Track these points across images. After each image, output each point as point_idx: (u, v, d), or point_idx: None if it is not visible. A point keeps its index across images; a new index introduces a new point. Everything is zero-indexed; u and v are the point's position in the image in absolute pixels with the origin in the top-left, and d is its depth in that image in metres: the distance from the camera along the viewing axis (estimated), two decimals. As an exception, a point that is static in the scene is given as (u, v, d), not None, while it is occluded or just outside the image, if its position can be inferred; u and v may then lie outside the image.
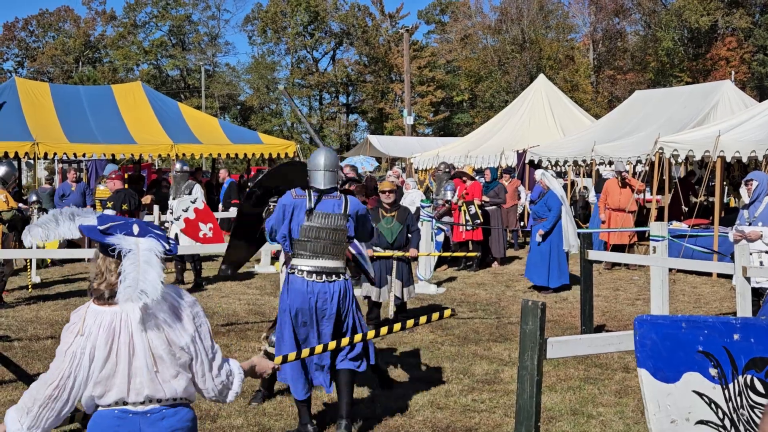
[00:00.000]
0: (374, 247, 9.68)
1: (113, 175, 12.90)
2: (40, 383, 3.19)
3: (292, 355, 5.00)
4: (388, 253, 9.73)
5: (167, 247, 3.24)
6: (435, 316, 5.31)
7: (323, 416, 6.44)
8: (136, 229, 3.24)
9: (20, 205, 12.52)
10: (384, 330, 5.32)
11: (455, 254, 14.40)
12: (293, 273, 5.91)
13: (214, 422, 6.32)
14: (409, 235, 9.84)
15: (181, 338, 3.24)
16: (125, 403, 3.21)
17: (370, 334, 5.46)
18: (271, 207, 6.31)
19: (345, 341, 5.44)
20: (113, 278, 3.19)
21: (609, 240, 15.43)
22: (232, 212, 16.82)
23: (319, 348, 5.19)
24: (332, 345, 5.27)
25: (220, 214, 16.56)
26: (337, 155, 6.16)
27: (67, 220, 3.32)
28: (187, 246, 12.10)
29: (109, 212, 11.35)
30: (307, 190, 5.96)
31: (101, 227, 3.23)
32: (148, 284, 3.05)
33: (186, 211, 12.82)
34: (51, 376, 3.17)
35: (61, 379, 3.15)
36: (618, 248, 14.95)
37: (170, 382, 3.23)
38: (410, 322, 5.29)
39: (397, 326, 5.32)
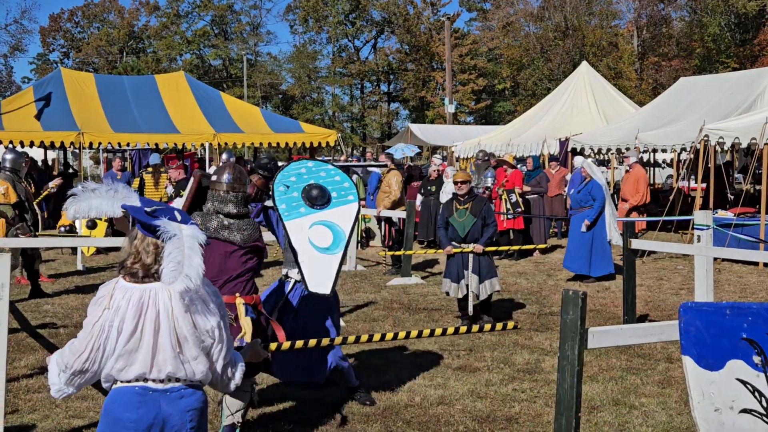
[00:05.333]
0: (453, 243, 9.43)
1: (174, 165, 12.95)
2: (71, 351, 3.28)
3: (286, 344, 5.17)
4: (460, 249, 9.31)
5: (205, 237, 3.31)
6: (498, 326, 5.41)
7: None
8: (178, 216, 3.34)
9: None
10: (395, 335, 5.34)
11: (524, 247, 14.26)
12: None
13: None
14: (485, 228, 9.32)
15: (207, 322, 3.32)
16: (146, 380, 3.28)
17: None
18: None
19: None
20: (149, 260, 3.29)
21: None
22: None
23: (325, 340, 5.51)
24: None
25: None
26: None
27: (106, 196, 3.38)
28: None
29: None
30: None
31: (147, 209, 3.30)
32: (192, 269, 3.12)
33: None
34: (79, 348, 3.26)
35: (90, 352, 3.25)
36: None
37: (191, 363, 3.31)
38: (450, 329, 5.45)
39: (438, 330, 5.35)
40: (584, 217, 12.30)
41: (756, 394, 3.27)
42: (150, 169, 16.75)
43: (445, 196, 15.04)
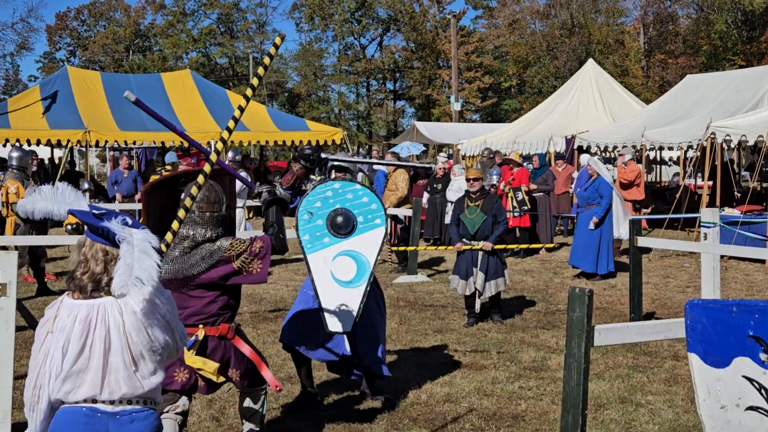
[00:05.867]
0: (463, 240, 9.41)
1: (186, 163, 13.00)
2: (26, 386, 3.13)
3: None
4: (469, 246, 9.30)
5: (158, 244, 3.09)
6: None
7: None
8: (129, 221, 3.12)
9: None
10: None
11: (532, 246, 14.20)
12: None
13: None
14: (495, 226, 9.29)
15: (163, 335, 3.14)
16: (95, 401, 3.08)
17: None
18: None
19: None
20: (98, 268, 3.08)
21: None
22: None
23: None
24: None
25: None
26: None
27: (51, 199, 3.17)
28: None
29: None
30: None
31: (95, 212, 3.12)
32: (143, 272, 2.91)
33: None
34: (29, 377, 3.12)
35: (38, 378, 3.09)
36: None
37: (149, 379, 3.12)
38: None
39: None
40: (592, 215, 12.26)
41: (762, 391, 3.26)
42: (169, 167, 16.80)
43: (452, 194, 15.03)
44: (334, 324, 5.56)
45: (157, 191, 5.08)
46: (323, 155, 6.20)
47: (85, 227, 3.14)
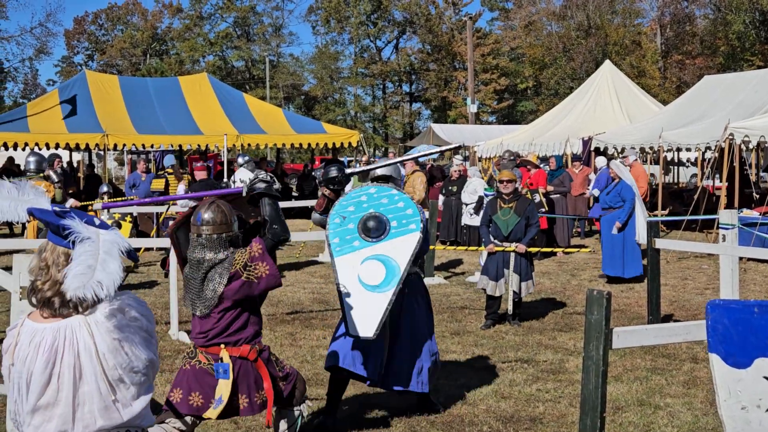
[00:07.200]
0: (494, 240, 9.39)
1: (200, 165, 13.06)
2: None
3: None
4: (501, 247, 9.28)
5: (129, 247, 2.70)
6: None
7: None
8: (97, 221, 2.73)
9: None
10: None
11: (568, 249, 14.16)
12: None
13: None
14: (528, 228, 9.30)
15: (143, 352, 2.72)
16: None
17: None
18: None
19: None
20: (60, 275, 2.60)
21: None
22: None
23: None
24: None
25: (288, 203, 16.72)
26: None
27: (8, 197, 2.75)
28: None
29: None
30: None
31: (57, 210, 2.71)
32: (106, 276, 2.51)
33: None
34: (8, 406, 2.81)
35: (15, 407, 2.74)
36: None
37: (131, 406, 2.71)
38: None
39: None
40: (614, 219, 12.17)
41: (784, 393, 3.25)
42: (170, 170, 16.89)
43: (467, 195, 15.02)
44: (354, 328, 5.42)
45: (183, 227, 4.97)
46: (348, 170, 5.98)
47: (48, 229, 2.71)
